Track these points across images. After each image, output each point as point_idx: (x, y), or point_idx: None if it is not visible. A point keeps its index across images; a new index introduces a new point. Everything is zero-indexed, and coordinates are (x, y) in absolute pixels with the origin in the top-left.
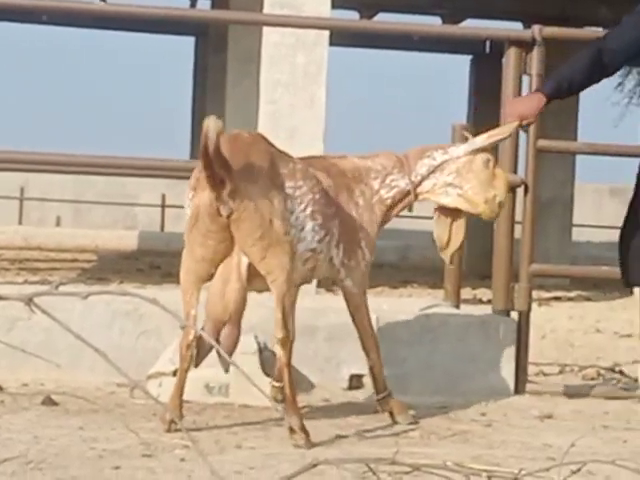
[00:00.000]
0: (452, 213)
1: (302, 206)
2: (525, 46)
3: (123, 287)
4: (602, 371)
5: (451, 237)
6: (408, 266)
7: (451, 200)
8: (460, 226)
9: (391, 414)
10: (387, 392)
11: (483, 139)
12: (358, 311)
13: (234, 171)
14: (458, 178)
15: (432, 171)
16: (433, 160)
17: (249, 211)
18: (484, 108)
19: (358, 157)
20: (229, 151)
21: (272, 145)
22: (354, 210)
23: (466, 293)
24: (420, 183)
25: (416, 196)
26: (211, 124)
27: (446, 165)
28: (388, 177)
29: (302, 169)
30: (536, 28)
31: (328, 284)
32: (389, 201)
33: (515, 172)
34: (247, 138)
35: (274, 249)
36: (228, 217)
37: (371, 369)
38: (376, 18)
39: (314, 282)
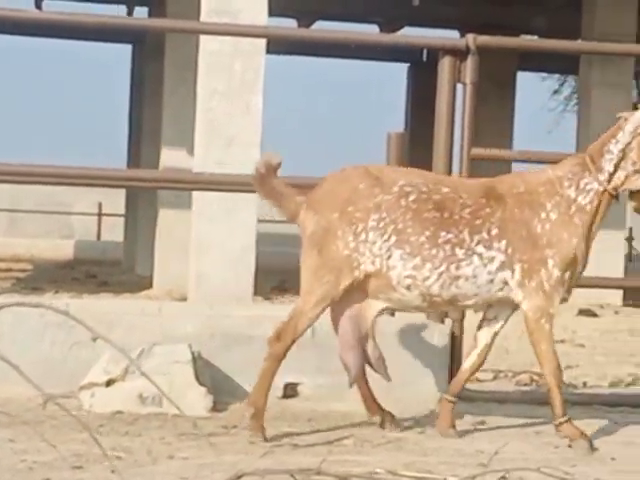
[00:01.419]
0: None
1: (385, 236)
2: (459, 55)
3: (58, 296)
4: (535, 377)
5: None
6: None
7: None
8: None
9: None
10: (566, 418)
11: None
12: (532, 336)
13: (297, 198)
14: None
15: (617, 163)
16: (612, 154)
17: (303, 236)
18: (421, 116)
19: (552, 168)
20: (322, 182)
21: (378, 179)
22: (540, 227)
23: None
24: (611, 178)
25: (615, 191)
26: (260, 160)
27: (623, 154)
28: (581, 182)
29: (391, 201)
30: (470, 37)
31: (265, 292)
32: (589, 207)
33: None
34: (343, 174)
35: (306, 274)
36: None
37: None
38: (314, 26)
39: (249, 290)
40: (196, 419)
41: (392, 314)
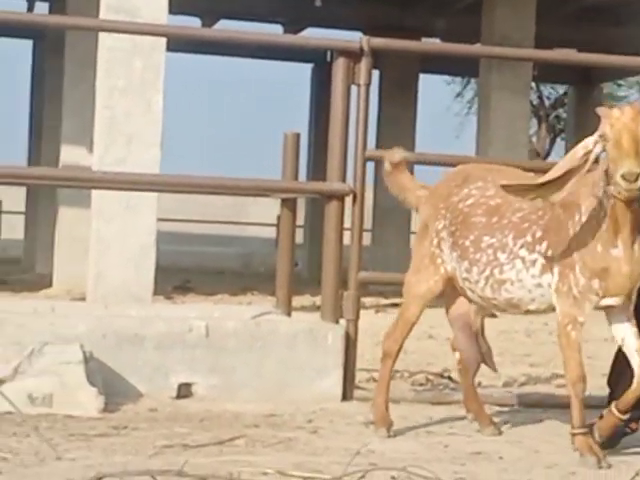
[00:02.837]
0: None
1: (450, 237)
2: (354, 56)
3: None
4: (431, 377)
5: None
6: (250, 273)
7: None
8: None
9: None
10: (581, 430)
11: None
12: (559, 341)
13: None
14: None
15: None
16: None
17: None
18: (323, 117)
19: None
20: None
21: (465, 179)
22: (572, 230)
23: (305, 300)
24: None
25: (620, 195)
26: (385, 158)
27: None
28: (606, 185)
29: (454, 202)
30: (364, 39)
31: (167, 292)
32: (609, 211)
33: (344, 180)
34: (450, 171)
35: (411, 267)
36: None
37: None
38: (217, 25)
39: (149, 289)
40: (87, 419)
41: (288, 314)
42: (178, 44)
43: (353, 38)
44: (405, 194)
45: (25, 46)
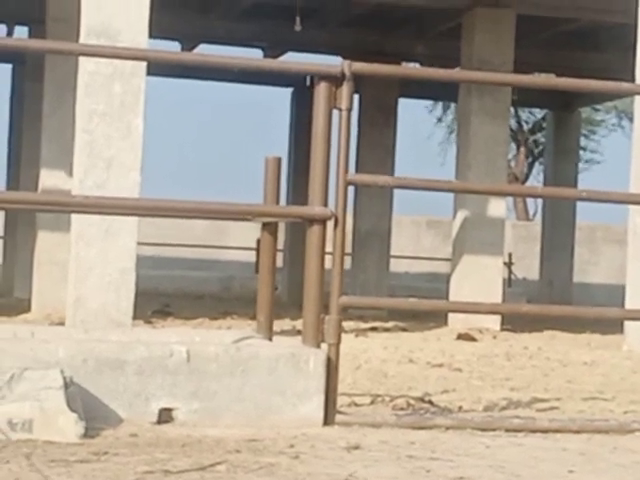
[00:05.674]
0: None
1: None
2: (335, 81)
3: None
4: (412, 401)
5: None
6: (230, 297)
7: None
8: None
9: None
10: None
11: None
12: None
13: None
14: None
15: None
16: None
17: None
18: (304, 140)
19: None
20: None
21: None
22: None
23: (285, 324)
24: None
25: None
26: None
27: None
28: None
29: None
30: (346, 63)
31: (147, 316)
32: None
33: (325, 205)
34: None
35: None
36: None
37: None
38: (197, 49)
39: (129, 314)
40: (67, 445)
41: (269, 338)
42: (159, 68)
43: (333, 63)
44: None
45: (4, 70)
